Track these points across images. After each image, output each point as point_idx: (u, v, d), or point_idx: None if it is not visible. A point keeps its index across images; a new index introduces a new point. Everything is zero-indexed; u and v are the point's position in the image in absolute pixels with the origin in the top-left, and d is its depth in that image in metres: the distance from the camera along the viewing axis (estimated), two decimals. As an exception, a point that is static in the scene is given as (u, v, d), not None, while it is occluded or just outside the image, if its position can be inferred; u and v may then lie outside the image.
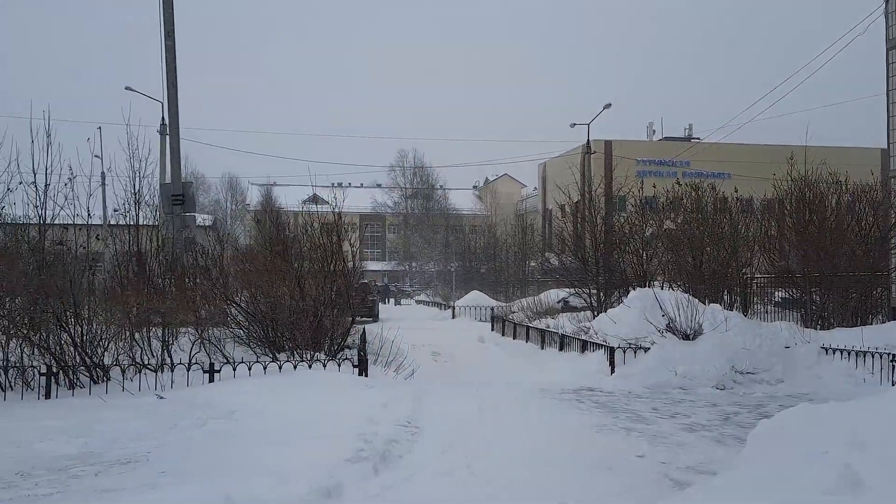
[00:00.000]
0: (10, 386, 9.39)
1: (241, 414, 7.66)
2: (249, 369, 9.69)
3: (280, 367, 9.91)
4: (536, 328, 17.15)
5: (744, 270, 17.55)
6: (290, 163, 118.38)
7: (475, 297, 32.73)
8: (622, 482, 5.65)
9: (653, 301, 12.45)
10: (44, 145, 11.63)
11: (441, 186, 77.80)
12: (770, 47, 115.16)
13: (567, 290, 21.39)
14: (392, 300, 51.15)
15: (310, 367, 10.07)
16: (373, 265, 69.57)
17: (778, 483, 4.07)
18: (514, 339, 18.65)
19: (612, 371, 11.44)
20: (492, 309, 27.29)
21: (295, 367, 9.98)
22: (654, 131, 54.78)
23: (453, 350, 17.27)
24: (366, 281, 24.12)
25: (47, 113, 11.61)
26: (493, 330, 21.99)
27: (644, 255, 18.12)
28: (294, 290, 11.73)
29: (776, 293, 18.54)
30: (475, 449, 6.52)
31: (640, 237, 18.52)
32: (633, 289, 15.35)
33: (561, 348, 14.47)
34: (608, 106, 36.16)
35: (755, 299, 18.32)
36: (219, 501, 4.54)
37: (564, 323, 16.67)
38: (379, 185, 78.58)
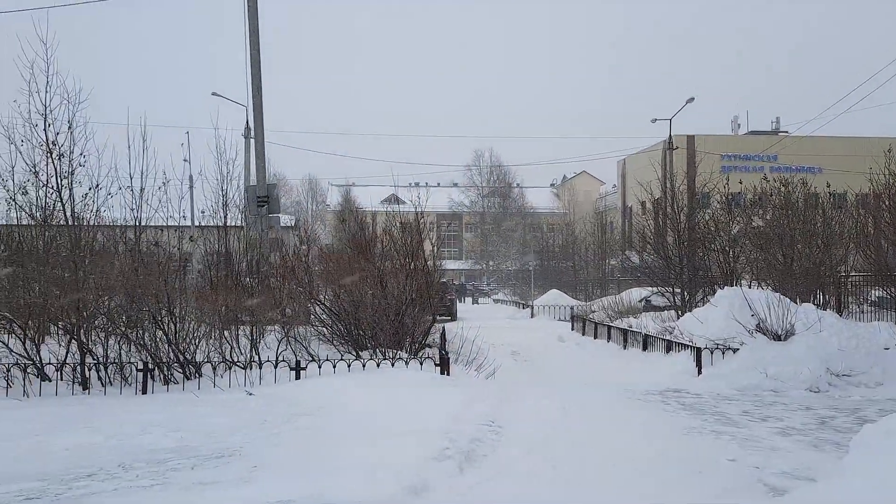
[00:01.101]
0: (110, 381, 9.87)
1: (327, 411, 7.81)
2: (334, 367, 9.88)
3: (363, 365, 10.06)
4: (618, 328, 16.85)
5: (838, 269, 16.77)
6: (369, 163, 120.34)
7: (554, 296, 32.42)
8: (714, 486, 5.48)
9: (741, 300, 12.03)
10: (139, 151, 12.19)
11: (518, 185, 77.47)
12: (867, 34, 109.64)
13: (649, 289, 20.94)
14: (469, 299, 51.24)
15: (392, 365, 10.19)
16: (450, 264, 69.82)
17: (889, 493, 3.85)
18: (594, 338, 18.39)
19: (699, 372, 11.12)
20: (571, 308, 26.97)
21: (378, 366, 10.11)
22: (738, 125, 53.03)
23: (533, 349, 17.15)
24: (444, 280, 24.21)
25: (143, 119, 12.15)
26: (573, 329, 21.73)
27: (731, 253, 17.53)
28: (376, 289, 11.89)
29: (872, 292, 17.64)
30: (560, 450, 6.45)
31: (726, 234, 17.94)
32: (720, 288, 14.88)
33: (644, 348, 14.17)
34: (691, 100, 35.17)
35: (850, 299, 17.48)
36: (311, 497, 4.64)
37: (647, 322, 16.31)
38: (455, 185, 78.86)
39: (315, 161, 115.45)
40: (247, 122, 27.86)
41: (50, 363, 9.66)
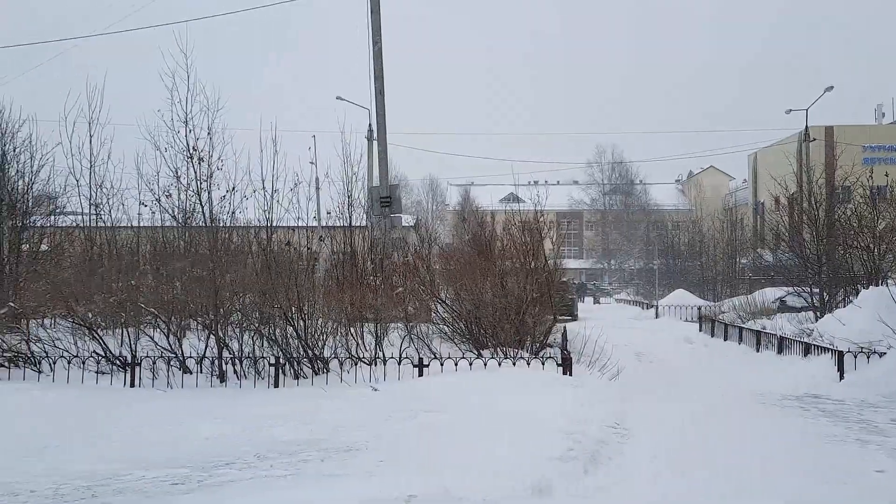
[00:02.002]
0: (245, 374, 10.37)
1: (450, 408, 7.86)
2: (456, 365, 9.94)
3: (485, 364, 10.07)
4: (751, 329, 16.03)
5: None
6: (488, 162, 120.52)
7: (680, 296, 31.31)
8: (861, 498, 5.08)
9: (889, 301, 11.18)
10: (270, 155, 12.77)
11: (641, 181, 75.42)
12: None
13: (784, 288, 19.80)
14: (590, 299, 50.38)
15: (514, 364, 10.14)
16: (570, 263, 68.89)
17: None
18: (724, 340, 17.60)
19: (841, 377, 10.40)
20: (699, 308, 25.93)
21: (499, 364, 10.09)
22: (883, 114, 49.17)
23: (658, 351, 16.61)
24: (565, 279, 23.89)
25: (274, 125, 12.72)
26: (700, 330, 20.90)
27: (876, 250, 16.27)
28: (496, 288, 11.87)
29: None
30: (689, 456, 6.20)
31: (870, 231, 16.66)
32: (863, 288, 13.86)
33: (779, 351, 13.41)
34: (830, 89, 32.89)
35: None
36: (436, 492, 4.68)
37: (783, 324, 15.44)
38: (576, 182, 77.72)
39: (434, 161, 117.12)
40: (370, 125, 28.63)
41: (191, 357, 10.27)
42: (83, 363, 9.97)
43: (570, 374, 10.10)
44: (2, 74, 14.17)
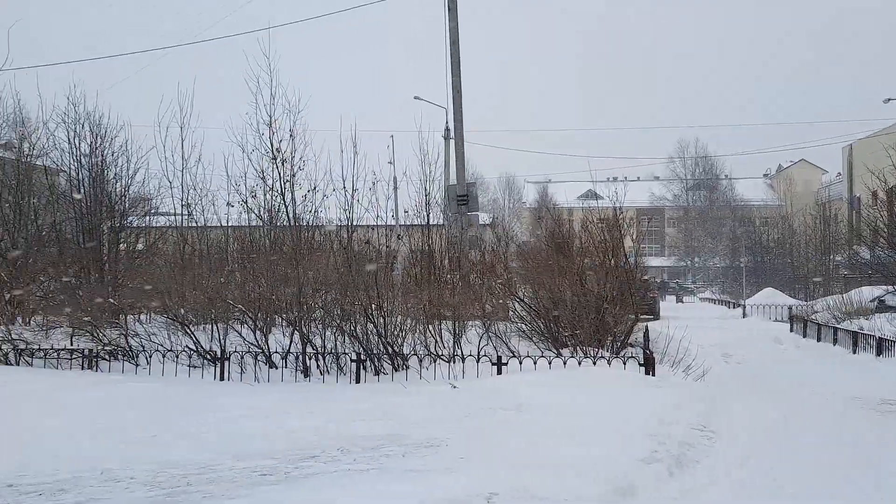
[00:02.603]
0: (327, 370, 10.61)
1: (529, 406, 7.83)
2: (535, 363, 9.89)
3: (564, 363, 9.98)
4: (846, 330, 15.34)
5: None
6: (565, 159, 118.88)
7: (768, 295, 30.22)
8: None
9: None
10: (350, 155, 13.01)
11: (726, 176, 73.16)
12: None
13: (882, 287, 18.85)
14: (673, 297, 49.18)
15: (594, 363, 10.01)
16: (651, 261, 67.40)
17: None
18: (817, 341, 16.89)
19: (947, 382, 9.82)
20: (789, 308, 24.99)
21: (579, 364, 9.98)
22: None
23: (746, 352, 16.08)
24: (646, 277, 23.41)
25: (353, 125, 12.97)
26: (791, 331, 20.14)
27: None
28: (575, 286, 11.74)
29: None
30: (781, 461, 5.97)
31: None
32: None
33: (878, 353, 12.79)
34: (931, 74, 31.06)
35: None
36: (517, 490, 4.67)
37: (882, 324, 14.70)
38: (657, 178, 76.05)
39: (511, 158, 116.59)
40: (446, 124, 28.77)
41: (276, 352, 10.57)
42: (176, 357, 10.41)
43: (653, 375, 9.90)
44: (99, 84, 15.00)
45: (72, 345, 10.90)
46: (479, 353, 10.42)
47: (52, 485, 5.14)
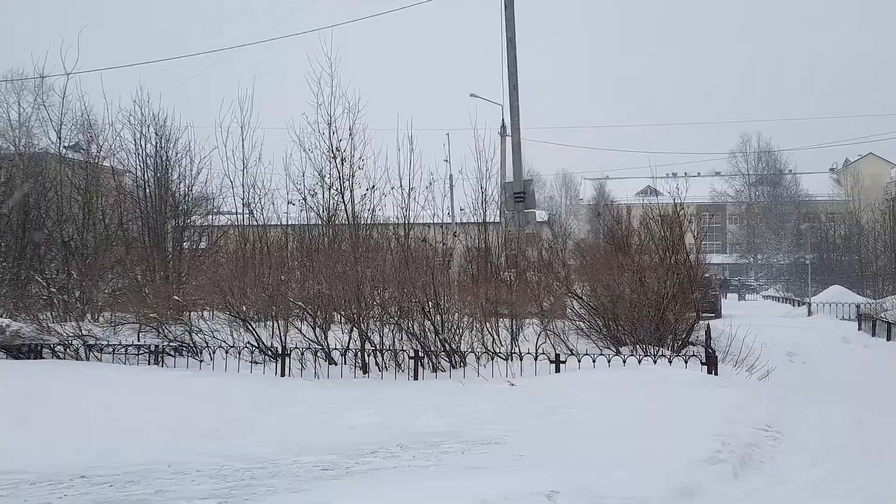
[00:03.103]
0: (385, 366, 10.69)
1: (589, 405, 7.75)
2: (593, 361, 9.78)
3: (624, 361, 9.84)
4: (920, 329, 14.71)
5: None
6: (622, 155, 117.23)
7: (835, 293, 29.18)
8: None
9: None
10: (407, 153, 13.11)
11: (790, 171, 70.96)
12: None
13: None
14: (735, 295, 48.03)
15: (654, 362, 9.84)
16: (713, 258, 65.96)
17: None
18: (888, 340, 16.28)
19: None
20: (857, 306, 24.08)
21: (639, 362, 9.83)
22: None
23: (812, 351, 15.58)
24: (707, 274, 22.92)
25: (410, 124, 13.06)
26: (860, 329, 19.43)
27: None
28: (635, 284, 11.57)
29: None
30: (855, 463, 5.76)
31: None
32: None
33: (955, 354, 12.21)
34: None
35: None
36: (577, 489, 4.63)
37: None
38: (717, 174, 74.29)
39: (568, 155, 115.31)
40: (502, 121, 28.69)
41: (336, 348, 10.71)
42: (239, 353, 10.63)
43: (716, 374, 9.67)
44: (162, 86, 15.51)
45: (139, 341, 11.25)
46: (536, 351, 10.35)
47: (122, 476, 5.32)
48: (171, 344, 11.01)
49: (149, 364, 10.71)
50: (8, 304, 12.78)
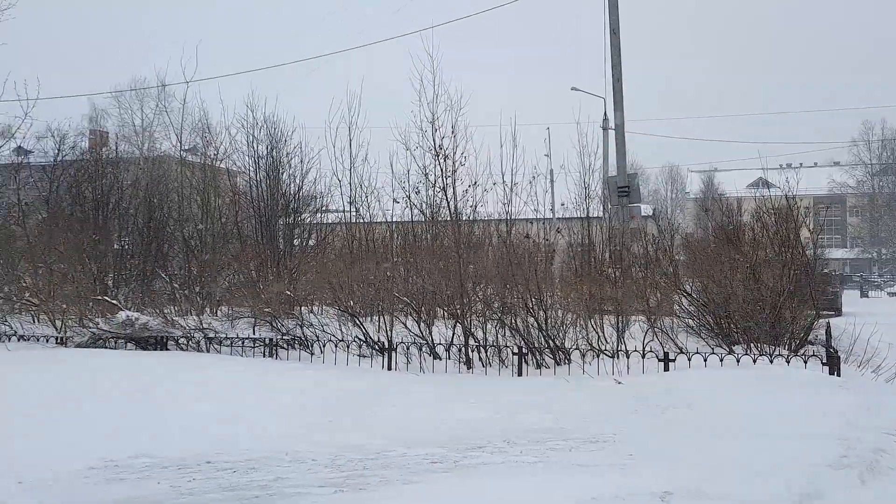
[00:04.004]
0: (489, 362, 10.75)
1: (701, 404, 7.53)
2: (705, 360, 9.48)
3: (737, 361, 9.48)
4: None
5: None
6: (731, 147, 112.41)
7: (971, 290, 27.07)
8: None
9: None
10: (509, 149, 13.10)
11: (919, 159, 66.36)
12: None
13: None
14: (856, 292, 45.31)
15: (770, 361, 9.43)
16: (832, 253, 62.51)
17: None
18: None
19: None
20: None
21: (754, 361, 9.44)
22: None
23: (946, 351, 14.48)
24: (826, 270, 21.75)
25: (513, 120, 13.05)
26: None
27: None
28: (748, 281, 11.12)
29: None
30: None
31: None
32: None
33: None
34: None
35: None
36: (690, 491, 4.52)
37: None
38: (836, 164, 70.28)
39: (673, 147, 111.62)
40: (605, 114, 28.19)
41: (440, 343, 10.85)
42: (347, 346, 10.95)
43: (838, 375, 9.18)
44: (273, 89, 16.19)
45: (254, 334, 11.77)
46: (644, 348, 10.14)
47: (244, 463, 5.60)
48: (284, 337, 11.45)
49: (263, 356, 11.19)
50: (136, 298, 13.65)
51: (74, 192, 16.39)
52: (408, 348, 10.79)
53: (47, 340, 12.01)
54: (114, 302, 12.24)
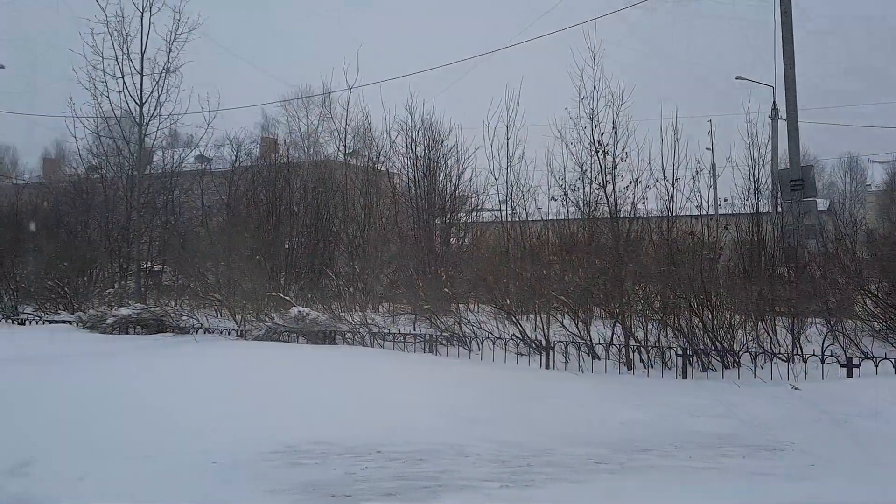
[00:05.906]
0: (651, 363, 10.42)
1: (890, 415, 6.90)
2: (894, 367, 8.67)
3: (939, 368, 8.61)
4: None
5: None
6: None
7: None
8: None
9: None
10: (671, 143, 12.62)
11: None
12: None
13: None
14: None
15: (973, 370, 8.48)
16: None
17: None
18: None
19: None
20: None
21: (955, 370, 8.53)
22: None
23: None
24: None
25: (675, 113, 12.57)
26: None
27: None
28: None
29: None
30: None
31: None
32: None
33: None
34: None
35: None
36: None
37: None
38: None
39: (851, 136, 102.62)
40: (773, 103, 26.53)
41: (599, 343, 10.67)
42: (505, 344, 11.03)
43: None
44: (430, 90, 16.70)
45: (414, 330, 12.13)
46: (823, 352, 9.43)
47: (412, 454, 5.78)
48: (443, 333, 11.72)
49: (423, 352, 11.51)
50: (305, 295, 14.49)
51: (250, 196, 17.65)
52: (566, 347, 10.69)
53: (229, 333, 13.03)
54: (287, 298, 13.05)
